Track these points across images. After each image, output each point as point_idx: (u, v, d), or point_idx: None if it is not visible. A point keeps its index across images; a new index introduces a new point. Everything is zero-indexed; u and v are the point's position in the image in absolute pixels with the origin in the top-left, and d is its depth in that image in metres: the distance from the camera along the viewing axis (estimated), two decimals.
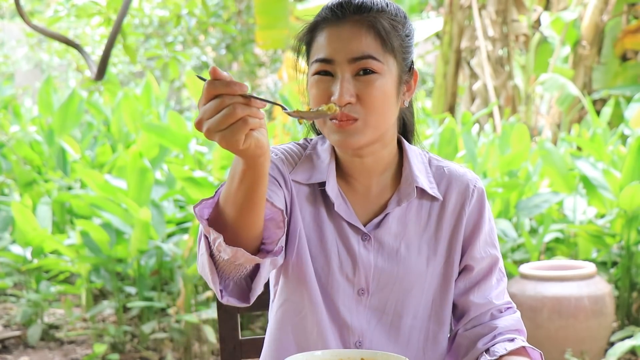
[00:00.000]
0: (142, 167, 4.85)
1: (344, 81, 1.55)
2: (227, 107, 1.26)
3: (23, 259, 5.18)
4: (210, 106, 1.27)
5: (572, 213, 5.24)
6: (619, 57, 9.56)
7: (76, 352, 5.05)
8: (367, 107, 1.56)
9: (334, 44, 1.57)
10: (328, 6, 1.62)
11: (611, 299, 4.50)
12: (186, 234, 5.14)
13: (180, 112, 13.03)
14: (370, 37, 1.56)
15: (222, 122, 1.26)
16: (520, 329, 1.71)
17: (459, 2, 9.35)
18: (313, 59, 1.60)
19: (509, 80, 9.19)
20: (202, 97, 1.29)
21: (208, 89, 1.28)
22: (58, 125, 6.55)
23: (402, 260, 1.66)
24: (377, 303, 1.66)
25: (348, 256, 1.65)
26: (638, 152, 4.93)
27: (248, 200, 1.41)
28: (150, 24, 12.67)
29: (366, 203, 1.68)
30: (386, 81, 1.58)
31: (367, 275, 1.65)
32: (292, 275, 1.65)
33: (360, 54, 1.55)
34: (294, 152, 1.70)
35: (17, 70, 15.30)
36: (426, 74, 14.49)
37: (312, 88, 1.60)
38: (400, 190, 1.67)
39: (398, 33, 1.61)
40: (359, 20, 1.57)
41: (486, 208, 1.72)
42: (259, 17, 9.66)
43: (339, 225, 1.66)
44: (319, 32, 1.60)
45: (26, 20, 5.09)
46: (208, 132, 1.28)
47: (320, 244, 1.66)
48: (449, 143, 5.53)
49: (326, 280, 1.65)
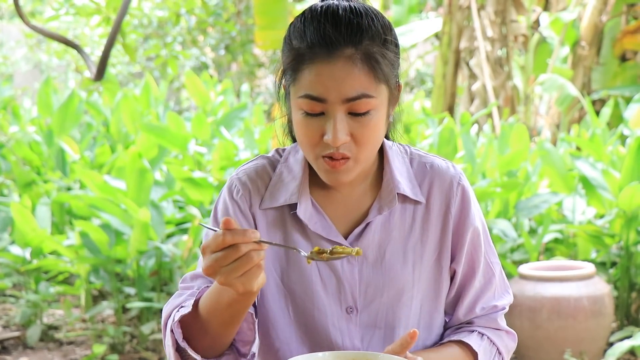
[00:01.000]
0: (142, 167, 4.84)
1: (337, 121, 1.46)
2: (244, 254, 1.33)
3: (22, 259, 5.17)
4: (226, 254, 1.32)
5: (572, 213, 5.24)
6: (618, 58, 9.56)
7: (75, 352, 5.05)
8: (360, 145, 1.49)
9: (326, 82, 1.46)
10: (316, 35, 1.47)
11: (610, 300, 4.50)
12: (185, 234, 5.14)
13: (179, 112, 13.03)
14: (364, 73, 1.46)
15: (240, 268, 1.33)
16: (495, 327, 1.67)
17: (458, 2, 9.35)
18: (300, 93, 1.48)
19: (508, 81, 9.19)
20: (211, 245, 1.33)
21: (225, 239, 1.32)
22: (57, 125, 6.54)
23: (387, 269, 1.59)
24: (368, 319, 1.60)
25: (331, 274, 1.58)
26: (637, 153, 4.93)
27: (235, 318, 1.46)
28: (150, 25, 12.67)
29: (346, 212, 1.61)
30: (379, 113, 1.50)
31: (353, 291, 1.58)
32: (260, 322, 1.63)
33: (354, 94, 1.46)
34: (263, 175, 1.63)
35: (16, 71, 15.29)
36: (425, 74, 14.47)
37: (299, 126, 1.50)
38: (381, 197, 1.60)
39: (388, 54, 1.50)
40: (352, 55, 1.46)
41: (472, 207, 1.64)
42: (258, 17, 9.64)
43: (317, 244, 1.58)
44: (307, 64, 1.48)
45: (25, 20, 5.09)
46: (225, 279, 1.33)
47: (297, 269, 1.58)
48: (448, 143, 5.53)
49: (311, 304, 1.58)
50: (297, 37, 1.49)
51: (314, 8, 1.52)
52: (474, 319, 1.66)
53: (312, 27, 1.48)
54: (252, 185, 1.61)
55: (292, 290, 1.59)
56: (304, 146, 1.52)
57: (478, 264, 1.65)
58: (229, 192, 1.62)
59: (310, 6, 1.54)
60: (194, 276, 1.61)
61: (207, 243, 1.34)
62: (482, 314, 1.66)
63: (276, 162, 1.65)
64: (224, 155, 5.23)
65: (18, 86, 13.19)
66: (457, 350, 1.61)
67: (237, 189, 1.61)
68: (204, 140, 6.05)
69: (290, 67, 1.50)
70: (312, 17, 1.50)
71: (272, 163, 1.65)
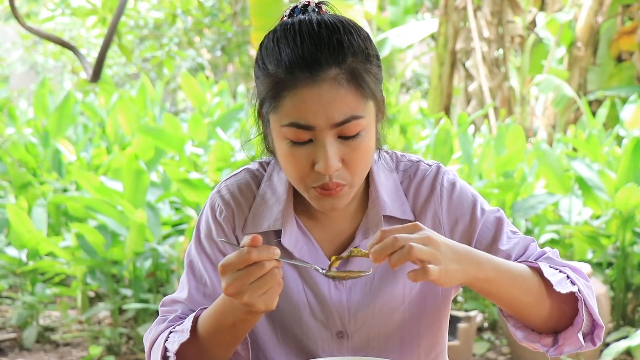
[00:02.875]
0: (138, 169, 4.84)
1: (328, 147, 1.37)
2: (269, 272, 1.30)
3: (18, 261, 5.16)
4: (250, 272, 1.29)
5: (568, 214, 5.24)
6: (614, 59, 9.59)
7: (72, 354, 5.04)
8: (353, 170, 1.41)
9: (313, 108, 1.35)
10: (295, 57, 1.35)
11: (606, 300, 4.50)
12: (182, 235, 5.14)
13: (175, 114, 13.02)
14: (351, 93, 1.36)
15: (264, 286, 1.30)
16: (561, 262, 1.50)
17: (454, 3, 9.36)
18: (284, 122, 1.37)
19: (504, 82, 9.20)
20: (233, 263, 1.29)
21: (251, 256, 1.28)
22: (53, 127, 6.54)
23: (376, 292, 1.51)
24: (360, 342, 1.53)
25: (318, 302, 1.52)
26: (633, 153, 4.94)
27: (237, 339, 1.43)
28: (146, 26, 12.66)
29: (332, 236, 1.53)
30: (369, 132, 1.41)
31: (342, 318, 1.51)
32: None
33: (343, 118, 1.36)
34: (247, 194, 1.55)
35: (12, 72, 15.28)
36: (421, 75, 14.48)
37: (286, 157, 1.40)
38: (367, 219, 1.51)
39: (372, 69, 1.40)
40: (337, 75, 1.35)
41: (462, 199, 1.53)
42: (254, 18, 9.66)
43: (303, 270, 1.52)
44: (288, 91, 1.36)
45: (21, 22, 5.08)
46: (249, 297, 1.30)
47: (283, 296, 1.50)
48: (444, 144, 5.54)
49: (300, 331, 1.53)
50: (273, 61, 1.37)
51: (285, 25, 1.40)
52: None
53: (289, 49, 1.36)
54: (236, 205, 1.54)
55: (280, 317, 1.53)
56: (292, 178, 1.43)
57: (495, 237, 1.52)
58: (211, 211, 1.56)
59: (280, 23, 1.42)
60: (173, 301, 1.56)
61: (229, 261, 1.29)
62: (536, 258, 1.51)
63: (260, 177, 1.56)
64: (220, 156, 5.23)
65: (14, 88, 13.17)
66: (524, 267, 1.44)
67: (220, 209, 1.54)
68: (200, 142, 6.05)
69: (269, 95, 1.38)
70: (285, 35, 1.38)
71: (256, 178, 1.56)
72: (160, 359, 1.45)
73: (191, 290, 1.55)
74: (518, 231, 1.57)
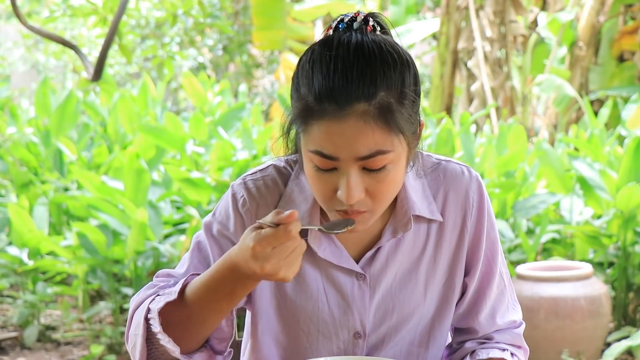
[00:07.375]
0: (139, 168, 4.84)
1: (351, 178, 1.35)
2: (300, 244, 1.30)
3: (19, 260, 5.17)
4: (287, 247, 1.29)
5: (569, 214, 5.24)
6: (616, 58, 9.58)
7: (73, 353, 5.04)
8: (377, 200, 1.39)
9: (337, 140, 1.32)
10: (325, 88, 1.32)
11: (608, 300, 4.50)
12: (183, 234, 5.14)
13: (177, 113, 13.01)
14: (379, 129, 1.32)
15: (297, 259, 1.30)
16: (518, 344, 1.61)
17: (456, 2, 9.35)
18: (310, 147, 1.35)
19: (507, 81, 9.19)
20: (271, 240, 1.27)
21: (292, 233, 1.28)
22: (55, 126, 6.54)
23: (398, 293, 1.52)
24: (375, 341, 1.53)
25: (339, 302, 1.51)
26: (635, 153, 4.93)
27: (232, 306, 1.40)
28: (147, 25, 12.66)
29: (357, 235, 1.51)
30: (397, 165, 1.38)
31: (362, 319, 1.51)
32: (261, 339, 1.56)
33: (368, 153, 1.33)
34: (273, 192, 1.52)
35: (13, 71, 15.27)
36: (423, 74, 14.49)
37: (312, 179, 1.40)
38: (395, 219, 1.50)
39: (406, 102, 1.35)
40: (365, 111, 1.31)
41: (489, 217, 1.54)
42: (256, 18, 9.66)
43: (325, 271, 1.51)
44: (316, 119, 1.33)
45: (22, 21, 5.08)
46: (284, 272, 1.30)
47: (302, 294, 1.51)
48: (446, 144, 5.53)
49: (316, 330, 1.52)
50: (305, 85, 1.35)
51: (323, 45, 1.36)
52: (494, 334, 1.59)
53: (321, 76, 1.32)
54: (261, 199, 1.51)
55: (295, 315, 1.52)
56: (316, 197, 1.43)
57: (493, 275, 1.57)
58: (233, 200, 1.52)
59: (321, 39, 1.39)
60: (169, 275, 1.52)
61: (268, 240, 1.27)
62: (504, 327, 1.60)
63: (287, 175, 1.53)
64: (222, 155, 5.23)
65: (15, 87, 13.17)
66: None
67: (243, 200, 1.51)
68: (201, 141, 6.05)
69: (299, 117, 1.36)
70: (321, 59, 1.34)
71: (283, 176, 1.53)
72: (142, 320, 1.41)
73: (191, 268, 1.51)
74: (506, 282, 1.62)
